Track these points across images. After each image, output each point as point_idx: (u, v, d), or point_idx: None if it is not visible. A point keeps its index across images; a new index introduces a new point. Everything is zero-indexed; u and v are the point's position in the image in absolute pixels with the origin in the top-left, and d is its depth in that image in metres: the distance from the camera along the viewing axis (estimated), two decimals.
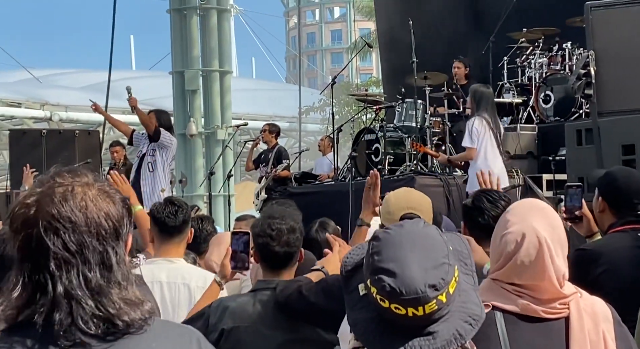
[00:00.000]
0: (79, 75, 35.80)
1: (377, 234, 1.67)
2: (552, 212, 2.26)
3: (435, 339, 1.59)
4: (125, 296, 1.52)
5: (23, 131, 14.12)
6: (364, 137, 10.06)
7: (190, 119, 18.73)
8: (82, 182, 1.54)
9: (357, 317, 1.65)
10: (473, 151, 8.25)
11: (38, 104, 25.15)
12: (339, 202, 8.89)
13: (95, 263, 1.50)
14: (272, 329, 3.02)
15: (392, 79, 13.13)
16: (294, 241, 3.13)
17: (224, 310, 3.08)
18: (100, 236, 1.51)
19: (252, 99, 31.41)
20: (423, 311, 1.58)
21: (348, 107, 30.38)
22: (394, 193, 3.32)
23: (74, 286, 1.48)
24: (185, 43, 18.87)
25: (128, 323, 1.50)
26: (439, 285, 1.59)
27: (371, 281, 1.62)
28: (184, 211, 3.87)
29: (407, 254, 1.60)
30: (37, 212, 1.50)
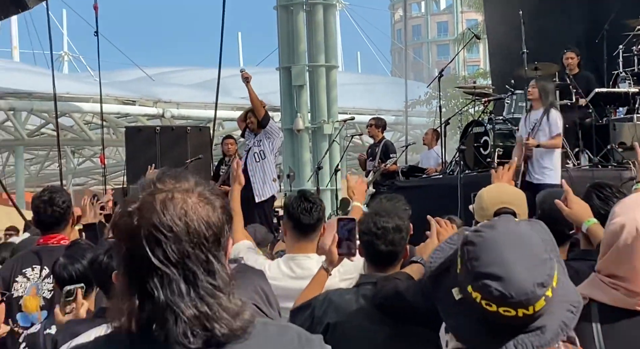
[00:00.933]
0: (190, 72, 36.61)
1: (469, 238, 1.63)
2: None
3: (544, 334, 1.58)
4: (226, 305, 1.49)
5: (138, 128, 14.57)
6: (473, 130, 9.94)
7: (297, 114, 18.92)
8: (183, 189, 1.52)
9: (457, 322, 1.63)
10: (560, 140, 8.17)
11: (151, 101, 25.86)
12: (447, 196, 8.82)
13: (197, 272, 1.48)
14: (375, 324, 3.02)
15: (501, 70, 12.91)
16: (399, 240, 3.12)
17: (329, 304, 3.09)
18: (201, 244, 1.49)
19: (358, 93, 31.40)
20: (533, 309, 1.57)
21: (455, 99, 29.97)
22: (486, 189, 3.27)
23: (175, 297, 1.46)
24: (292, 39, 19.06)
25: (228, 334, 1.48)
26: (546, 282, 1.57)
27: (474, 287, 1.59)
28: (318, 208, 3.83)
29: (508, 256, 1.57)
30: (139, 220, 1.48)
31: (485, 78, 31.04)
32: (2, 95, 23.18)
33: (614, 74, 10.58)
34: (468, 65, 55.06)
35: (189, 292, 1.47)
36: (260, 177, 9.41)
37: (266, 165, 9.46)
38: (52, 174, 30.08)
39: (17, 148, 26.71)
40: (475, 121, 10.13)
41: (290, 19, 19.12)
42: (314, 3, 19.16)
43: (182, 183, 1.53)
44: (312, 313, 3.11)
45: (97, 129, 24.60)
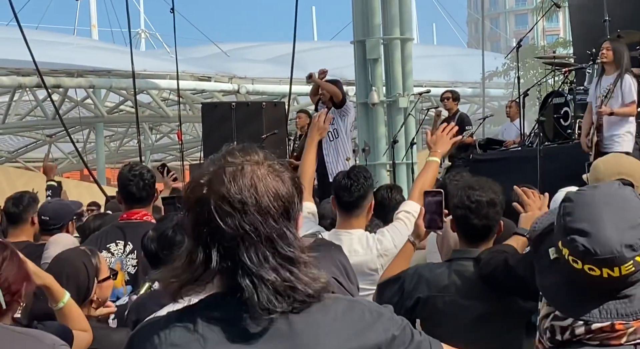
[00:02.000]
0: (264, 48, 36.83)
1: (569, 195, 1.63)
2: None
3: (631, 303, 1.54)
4: (305, 271, 1.53)
5: (214, 104, 14.75)
6: (552, 101, 9.72)
7: (372, 88, 18.80)
8: (252, 161, 1.54)
9: (547, 281, 1.62)
10: (635, 107, 7.84)
11: (226, 77, 26.12)
12: (527, 168, 8.66)
13: (270, 240, 1.51)
14: (469, 300, 3.00)
15: (583, 39, 12.55)
16: (493, 215, 3.08)
17: (420, 278, 3.08)
18: (271, 215, 1.51)
19: (434, 65, 31.09)
20: (619, 272, 1.52)
21: (534, 70, 29.41)
22: (602, 160, 3.19)
23: (254, 264, 1.49)
24: (366, 12, 18.91)
25: (306, 300, 1.51)
26: (636, 245, 1.53)
27: (563, 242, 1.57)
28: (359, 186, 3.80)
29: (601, 214, 1.55)
30: (208, 191, 1.51)
31: (565, 48, 30.35)
32: (82, 73, 23.72)
33: None
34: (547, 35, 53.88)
35: (267, 259, 1.50)
36: (334, 156, 9.38)
37: (339, 144, 9.42)
38: (131, 150, 30.74)
39: (97, 125, 27.34)
40: (555, 92, 9.91)
41: None
42: None
43: (251, 156, 1.56)
44: (402, 286, 3.10)
45: (174, 106, 25.00)
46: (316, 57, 32.25)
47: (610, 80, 7.89)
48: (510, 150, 10.77)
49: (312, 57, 31.64)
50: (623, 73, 7.85)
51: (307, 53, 31.02)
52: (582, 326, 1.56)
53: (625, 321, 1.53)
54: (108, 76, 24.13)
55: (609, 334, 1.54)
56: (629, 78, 7.88)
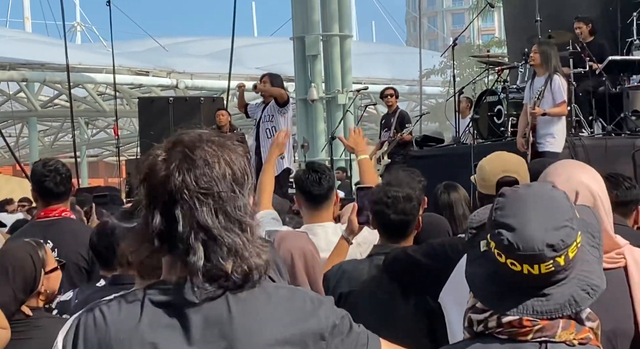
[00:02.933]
0: (203, 43, 36.57)
1: (504, 191, 1.68)
2: (589, 167, 2.34)
3: (548, 302, 1.58)
4: (252, 240, 1.56)
5: (151, 99, 14.61)
6: (486, 99, 9.89)
7: (311, 85, 18.88)
8: (208, 135, 1.60)
9: (474, 271, 1.66)
10: (565, 107, 8.04)
11: (165, 72, 25.90)
12: (461, 165, 8.81)
13: (225, 203, 1.55)
14: (387, 294, 3.05)
15: (516, 39, 12.81)
16: (410, 210, 3.13)
17: (343, 274, 3.14)
18: (229, 179, 1.56)
19: (372, 62, 31.30)
20: (539, 270, 1.57)
21: (469, 69, 29.81)
22: (486, 159, 3.27)
23: (204, 225, 1.52)
24: (306, 8, 18.96)
25: (250, 267, 1.54)
26: (558, 246, 1.57)
27: (491, 235, 1.62)
28: (328, 177, 3.88)
29: (529, 212, 1.60)
30: (167, 157, 1.56)
31: (500, 47, 30.83)
32: (15, 66, 23.25)
33: (628, 42, 10.49)
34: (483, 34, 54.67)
35: (219, 220, 1.53)
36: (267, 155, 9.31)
37: None
38: (66, 145, 30.23)
39: (31, 119, 26.82)
40: (488, 90, 10.09)
41: None
42: None
43: (205, 131, 1.62)
44: (327, 283, 3.17)
45: (111, 100, 24.68)
46: (256, 52, 32.16)
47: (542, 81, 8.06)
48: (445, 147, 10.94)
49: (252, 52, 31.53)
50: (552, 74, 8.01)
51: (247, 49, 30.91)
52: (494, 319, 1.60)
53: (533, 318, 1.58)
54: (42, 69, 23.69)
55: (517, 329, 1.58)
56: (558, 78, 8.03)
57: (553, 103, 7.97)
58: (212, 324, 1.53)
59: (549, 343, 1.58)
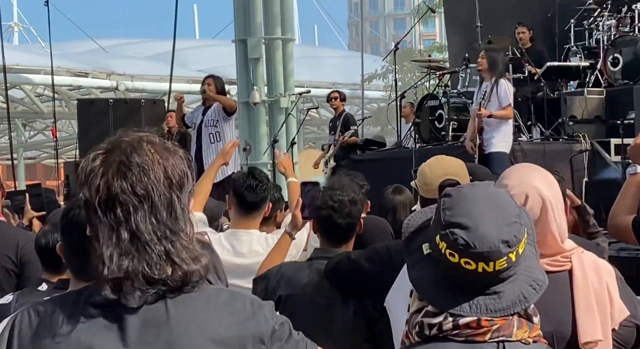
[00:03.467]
0: (144, 44, 36.18)
1: (448, 191, 1.67)
2: (546, 171, 2.36)
3: (500, 299, 1.58)
4: (187, 245, 1.55)
5: (91, 100, 14.40)
6: (428, 104, 10.00)
7: (253, 88, 18.81)
8: (148, 138, 1.59)
9: (419, 275, 1.65)
10: (511, 110, 8.22)
11: (105, 73, 25.52)
12: (402, 169, 8.86)
13: (162, 208, 1.54)
14: (326, 299, 3.04)
15: (457, 44, 12.97)
16: (355, 213, 3.14)
17: (282, 276, 3.13)
18: (166, 183, 1.55)
19: (315, 66, 31.35)
20: (493, 267, 1.57)
21: (411, 73, 30.11)
22: (427, 164, 3.29)
23: (142, 230, 1.52)
24: (248, 11, 18.89)
25: (187, 273, 1.53)
26: (512, 242, 1.58)
27: (441, 236, 1.61)
28: (264, 187, 3.84)
29: (480, 210, 1.60)
30: (105, 161, 1.54)
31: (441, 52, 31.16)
32: None
33: (566, 48, 10.71)
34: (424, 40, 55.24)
35: (154, 226, 1.52)
36: (210, 160, 9.16)
37: (220, 147, 9.19)
38: (3, 147, 29.61)
39: None
40: (430, 95, 10.20)
41: None
42: None
43: (145, 134, 1.61)
44: (267, 284, 3.14)
45: (49, 102, 24.22)
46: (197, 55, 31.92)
47: (488, 86, 8.22)
48: (387, 151, 11.01)
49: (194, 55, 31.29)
50: (498, 78, 8.17)
51: (189, 51, 30.67)
52: (450, 322, 1.59)
53: (491, 318, 1.58)
54: None
55: (474, 330, 1.58)
56: (504, 82, 8.23)
57: (499, 106, 8.13)
58: (150, 326, 1.51)
59: (506, 342, 1.58)
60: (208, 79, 9.37)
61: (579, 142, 8.98)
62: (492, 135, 8.18)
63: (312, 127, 31.86)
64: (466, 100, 9.74)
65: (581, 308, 2.20)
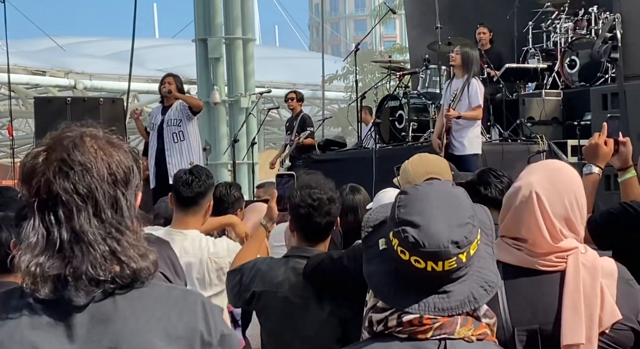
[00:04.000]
0: (103, 43, 35.85)
1: (405, 189, 1.68)
2: (562, 171, 2.30)
3: (449, 299, 1.59)
4: (133, 243, 1.53)
5: (48, 98, 14.18)
6: (388, 104, 10.03)
7: (213, 87, 18.74)
8: (91, 133, 1.56)
9: (373, 269, 1.65)
10: (481, 111, 8.12)
11: (62, 72, 25.24)
12: (362, 169, 8.90)
13: (107, 206, 1.51)
14: (300, 298, 3.03)
15: (418, 45, 13.04)
16: (334, 211, 3.12)
17: (257, 272, 3.10)
18: (110, 181, 1.52)
19: (275, 67, 31.31)
20: (442, 267, 1.58)
21: (372, 74, 30.22)
22: (410, 162, 3.30)
23: (85, 230, 1.49)
24: (209, 10, 18.82)
25: (135, 271, 1.51)
26: (462, 243, 1.58)
27: (394, 233, 1.61)
28: (201, 183, 3.77)
29: (433, 209, 1.61)
30: (46, 159, 1.51)
31: (401, 53, 31.34)
32: None
33: (524, 50, 10.83)
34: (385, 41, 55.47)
35: (98, 225, 1.50)
36: (177, 158, 9.05)
37: (184, 147, 9.09)
38: None
39: None
40: (390, 96, 10.23)
41: None
42: None
43: (89, 129, 1.57)
44: (241, 278, 3.12)
45: (5, 100, 23.90)
46: (157, 54, 31.69)
47: (459, 84, 8.09)
48: (347, 151, 11.03)
49: (153, 54, 31.07)
50: (470, 77, 8.05)
51: (148, 50, 30.45)
52: (395, 318, 1.59)
53: (433, 315, 1.58)
54: None
55: (417, 327, 1.58)
56: (476, 83, 8.10)
57: (469, 106, 8.02)
58: (97, 323, 1.49)
59: (448, 340, 1.58)
60: (168, 78, 9.21)
61: (537, 143, 9.07)
62: (462, 136, 8.05)
63: (272, 128, 31.81)
64: (426, 101, 9.79)
65: (567, 310, 2.18)
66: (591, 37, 10.20)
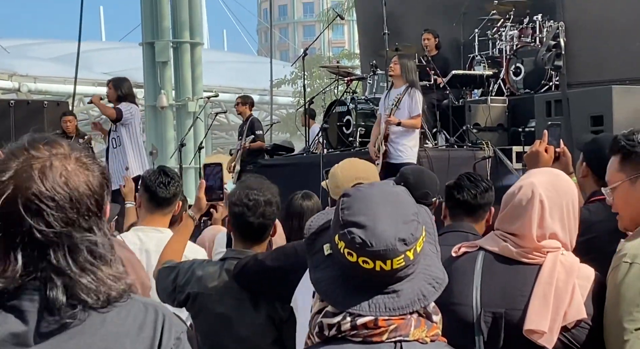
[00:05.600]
0: (49, 46, 35.33)
1: (347, 191, 1.67)
2: (566, 181, 2.45)
3: (399, 298, 1.59)
4: (108, 272, 1.48)
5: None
6: (336, 109, 10.06)
7: (161, 91, 18.60)
8: (60, 155, 1.47)
9: (320, 276, 1.65)
10: (420, 120, 8.16)
11: (6, 74, 24.82)
12: (310, 174, 8.90)
13: (82, 240, 1.46)
14: (235, 299, 3.04)
15: (366, 51, 13.12)
16: (269, 214, 3.12)
17: (193, 274, 3.10)
18: (84, 212, 1.46)
19: (224, 71, 31.24)
20: (391, 265, 1.58)
21: (320, 80, 30.33)
22: (339, 166, 3.31)
23: (61, 266, 1.44)
24: (156, 14, 18.68)
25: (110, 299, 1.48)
26: (408, 240, 1.59)
27: (340, 235, 1.61)
28: (176, 184, 3.88)
29: (378, 209, 1.61)
30: (15, 190, 1.42)
31: (349, 59, 31.51)
32: None
33: (470, 57, 10.97)
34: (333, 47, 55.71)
35: (76, 259, 1.45)
36: (115, 164, 9.04)
37: (120, 152, 9.05)
38: None
39: None
40: (338, 101, 10.26)
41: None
42: None
43: (57, 149, 1.48)
44: (176, 278, 3.12)
45: None
46: (103, 57, 31.34)
47: (399, 92, 8.12)
48: (295, 156, 11.03)
49: (100, 57, 30.73)
50: (410, 87, 8.06)
51: (94, 53, 30.10)
52: (348, 322, 1.58)
53: (388, 317, 1.57)
54: None
55: (371, 330, 1.58)
56: (416, 92, 8.13)
57: (408, 115, 8.06)
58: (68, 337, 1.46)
59: (403, 342, 1.59)
60: (109, 83, 9.22)
61: (483, 149, 9.17)
62: (399, 144, 8.09)
63: (220, 132, 31.69)
64: (373, 106, 9.83)
65: (536, 298, 2.29)
66: (536, 45, 10.37)
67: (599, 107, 7.17)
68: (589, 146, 3.46)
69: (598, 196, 3.33)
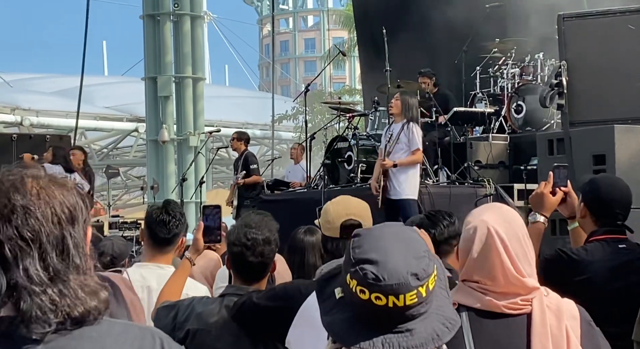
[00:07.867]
0: (51, 80, 35.52)
1: (357, 232, 1.67)
2: (510, 210, 2.35)
3: (413, 337, 1.57)
4: (82, 283, 1.49)
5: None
6: (337, 145, 10.07)
7: (162, 126, 18.66)
8: (32, 173, 1.52)
9: (333, 319, 1.64)
10: (420, 155, 8.15)
11: (9, 108, 24.91)
12: (311, 210, 8.86)
13: (52, 248, 1.47)
14: (234, 337, 3.03)
15: (369, 87, 13.18)
16: (268, 253, 3.12)
17: (192, 311, 3.10)
18: (55, 220, 1.48)
19: (225, 106, 31.36)
20: (404, 301, 1.56)
21: (321, 115, 30.43)
22: (331, 202, 3.32)
23: (31, 275, 1.45)
24: (158, 49, 18.82)
25: (83, 313, 1.47)
26: (421, 275, 1.58)
27: (351, 273, 1.60)
28: (177, 223, 3.75)
29: (389, 245, 1.61)
30: None
31: (350, 95, 31.68)
32: None
33: (472, 94, 11.01)
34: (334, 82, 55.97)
35: (46, 269, 1.46)
36: None
37: None
38: None
39: None
40: (340, 136, 10.28)
41: (157, 29, 18.89)
42: (181, 14, 19.01)
43: (31, 170, 1.53)
44: (176, 315, 3.11)
45: None
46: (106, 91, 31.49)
47: (398, 128, 8.14)
48: (296, 191, 11.02)
49: (102, 91, 30.87)
50: (408, 122, 8.06)
51: (97, 87, 30.24)
52: None
53: None
54: None
55: None
56: (415, 127, 8.09)
57: (407, 150, 8.06)
58: None
59: None
60: None
61: (484, 186, 9.16)
62: (400, 180, 8.03)
63: (221, 167, 31.73)
64: (375, 142, 9.84)
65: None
66: (537, 83, 10.42)
67: (602, 146, 7.16)
68: (587, 186, 3.45)
69: (597, 236, 3.34)
